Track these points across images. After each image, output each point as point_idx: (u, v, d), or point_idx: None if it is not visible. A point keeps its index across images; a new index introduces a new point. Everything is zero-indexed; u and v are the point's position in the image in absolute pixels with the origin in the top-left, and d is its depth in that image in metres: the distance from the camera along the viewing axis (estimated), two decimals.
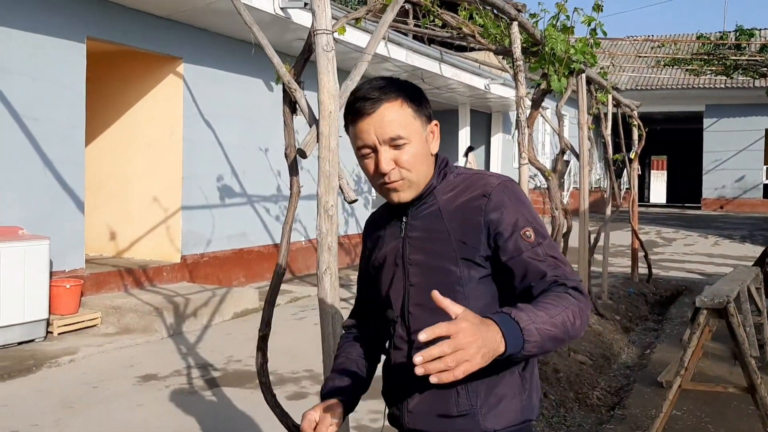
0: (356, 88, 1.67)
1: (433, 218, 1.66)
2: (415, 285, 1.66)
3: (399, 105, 1.61)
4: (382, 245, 1.77)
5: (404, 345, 1.68)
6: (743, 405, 4.68)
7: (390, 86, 1.63)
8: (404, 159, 1.61)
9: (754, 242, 15.19)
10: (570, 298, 1.49)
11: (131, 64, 8.01)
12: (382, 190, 1.67)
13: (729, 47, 18.97)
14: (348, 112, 1.65)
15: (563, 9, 5.48)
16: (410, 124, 1.62)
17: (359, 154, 1.65)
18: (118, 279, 7.19)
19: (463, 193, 1.66)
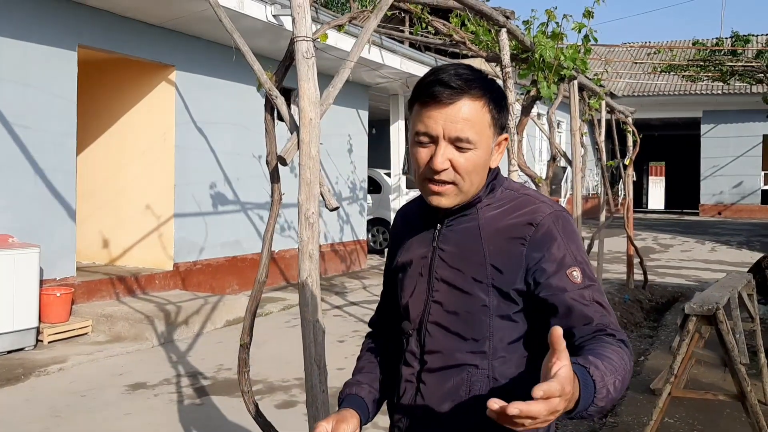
0: (437, 69, 1.47)
1: (470, 234, 1.52)
2: (438, 302, 1.53)
3: (480, 106, 1.44)
4: (410, 248, 1.63)
5: (415, 362, 1.56)
6: (736, 412, 4.65)
7: (476, 80, 1.44)
8: (462, 163, 1.44)
9: (752, 248, 15.17)
10: (625, 355, 1.33)
11: (123, 72, 8.01)
12: (425, 188, 1.50)
13: (725, 53, 18.98)
14: (420, 93, 1.46)
15: (552, 16, 5.47)
16: (484, 130, 1.45)
17: (415, 139, 1.48)
18: (109, 287, 7.16)
19: (509, 215, 1.51)
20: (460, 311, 1.50)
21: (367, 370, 1.73)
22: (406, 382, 1.58)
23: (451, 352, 1.51)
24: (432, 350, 1.54)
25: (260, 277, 2.93)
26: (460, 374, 1.50)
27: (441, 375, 1.51)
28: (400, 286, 1.64)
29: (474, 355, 1.49)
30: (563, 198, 18.63)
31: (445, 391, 1.51)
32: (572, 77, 6.20)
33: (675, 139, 29.94)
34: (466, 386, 1.49)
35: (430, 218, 1.60)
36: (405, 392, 1.58)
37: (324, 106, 2.95)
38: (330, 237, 10.80)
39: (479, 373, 1.48)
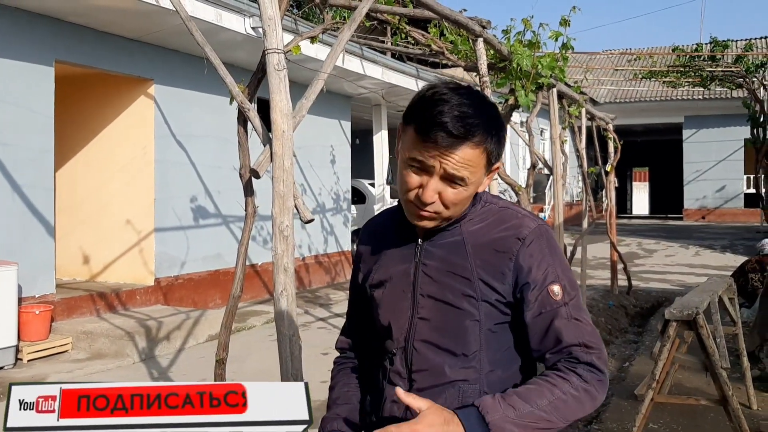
0: (440, 96, 1.42)
1: (456, 249, 1.51)
2: (426, 320, 1.51)
3: (480, 151, 1.42)
4: (386, 264, 1.60)
5: (402, 382, 1.53)
6: (720, 417, 4.64)
7: (479, 125, 1.41)
8: (450, 197, 1.45)
9: (735, 252, 15.27)
10: (574, 378, 1.39)
11: (101, 87, 7.96)
12: (408, 209, 1.49)
13: (704, 59, 19.18)
14: (419, 126, 1.42)
15: (529, 25, 5.49)
16: (478, 170, 1.45)
17: (407, 162, 1.46)
18: (89, 303, 7.09)
19: (493, 229, 1.52)
20: (450, 327, 1.49)
21: (343, 400, 1.69)
22: (392, 403, 1.54)
23: (441, 369, 1.50)
24: (420, 369, 1.52)
25: (234, 291, 2.90)
26: (452, 391, 1.49)
27: (432, 393, 1.48)
28: (376, 304, 1.61)
29: (465, 370, 1.49)
30: (547, 205, 18.70)
31: None
32: (551, 85, 6.22)
33: (658, 144, 30.16)
34: (459, 402, 1.46)
35: (408, 233, 1.58)
36: (392, 413, 1.54)
37: (297, 118, 2.93)
38: (314, 248, 10.76)
39: (471, 388, 1.48)
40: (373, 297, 1.62)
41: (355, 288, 1.73)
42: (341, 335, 1.81)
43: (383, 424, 1.51)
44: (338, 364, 1.79)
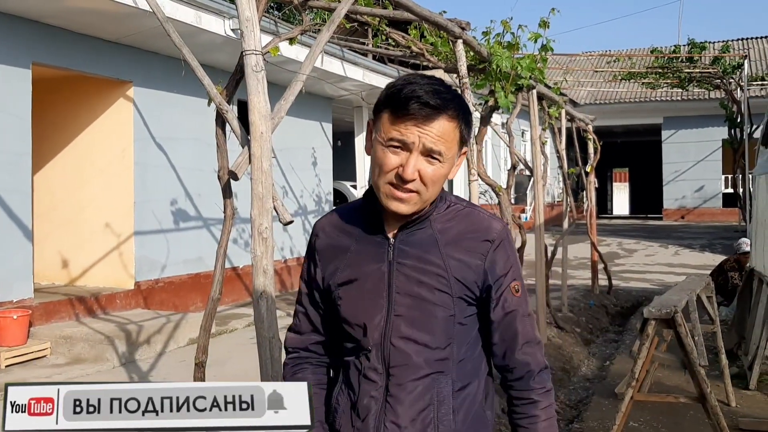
0: (412, 81, 1.52)
1: (428, 247, 1.58)
2: (403, 317, 1.56)
3: (455, 125, 1.52)
4: (356, 261, 1.62)
5: (378, 378, 1.58)
6: (699, 414, 4.69)
7: (451, 99, 1.52)
8: (429, 174, 1.51)
9: (714, 251, 15.44)
10: (544, 397, 1.62)
11: (80, 89, 7.88)
12: (386, 192, 1.54)
13: (682, 60, 19.38)
14: (395, 105, 1.50)
15: (508, 26, 5.52)
16: (453, 146, 1.54)
17: (385, 144, 1.52)
18: (69, 308, 7.01)
19: (462, 229, 1.61)
20: (427, 322, 1.56)
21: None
22: (370, 398, 1.58)
23: (419, 363, 1.56)
24: (398, 364, 1.57)
25: (213, 294, 2.88)
26: (428, 382, 1.57)
27: (410, 386, 1.56)
28: (346, 302, 1.63)
29: (440, 362, 1.57)
30: (528, 206, 18.79)
31: (414, 400, 1.56)
32: (530, 87, 6.26)
33: (637, 145, 30.43)
34: (435, 392, 1.57)
35: (376, 231, 1.62)
36: (369, 409, 1.59)
37: (276, 120, 2.92)
38: (296, 251, 10.73)
39: (444, 378, 1.57)
40: (340, 295, 1.63)
41: (311, 285, 1.72)
42: (292, 333, 1.78)
43: (366, 421, 1.59)
44: (292, 365, 1.76)
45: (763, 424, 4.72)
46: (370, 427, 1.58)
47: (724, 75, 18.50)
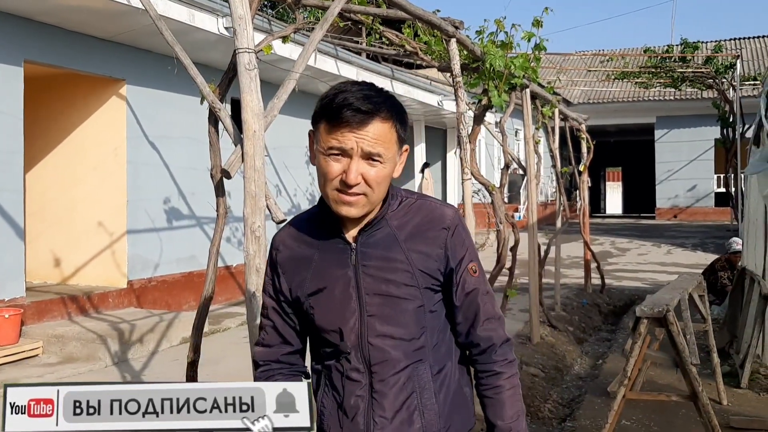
0: (340, 88, 1.59)
1: (389, 245, 1.64)
2: (375, 316, 1.62)
3: (389, 126, 1.58)
4: (321, 270, 1.67)
5: (361, 377, 1.64)
6: (691, 413, 4.71)
7: (383, 102, 1.57)
8: (372, 176, 1.57)
9: (706, 250, 15.49)
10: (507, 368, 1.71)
11: (72, 87, 7.86)
12: (334, 197, 1.59)
13: (675, 60, 19.43)
14: (329, 115, 1.56)
15: (501, 26, 5.53)
16: (391, 146, 1.59)
17: (326, 153, 1.57)
18: (61, 306, 6.99)
19: (418, 221, 1.67)
20: (399, 317, 1.63)
21: None
22: (356, 397, 1.64)
23: (398, 357, 1.63)
24: (379, 361, 1.63)
25: (206, 292, 2.88)
26: (409, 372, 1.64)
27: (392, 380, 1.63)
28: (318, 311, 1.67)
29: (417, 352, 1.65)
30: (522, 205, 18.82)
31: (398, 392, 1.63)
32: (523, 86, 6.26)
33: (630, 144, 30.50)
34: (416, 380, 1.64)
35: (335, 237, 1.67)
36: (357, 408, 1.65)
37: (269, 118, 2.92)
38: None
39: (423, 365, 1.65)
40: (311, 305, 1.68)
41: (278, 297, 1.74)
42: (260, 347, 1.79)
43: (355, 420, 1.64)
44: (264, 378, 1.76)
45: (754, 422, 4.74)
46: (360, 424, 1.64)
47: (717, 75, 18.56)
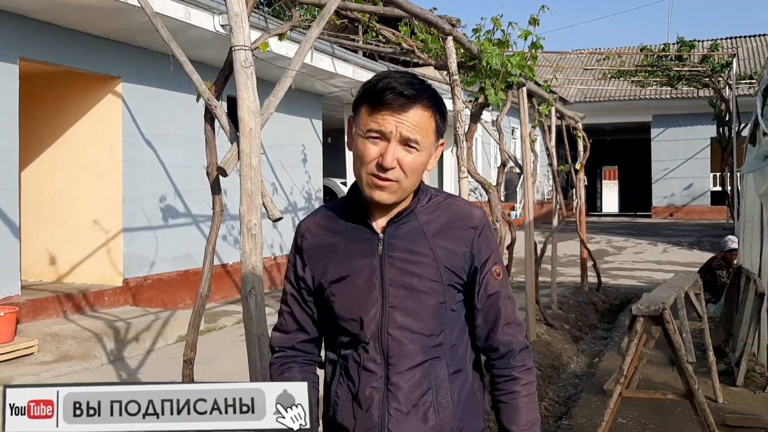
0: (387, 75, 1.61)
1: (416, 239, 1.65)
2: (397, 307, 1.62)
3: (429, 115, 1.61)
4: (346, 258, 1.67)
5: (378, 369, 1.64)
6: (687, 411, 4.72)
7: (425, 90, 1.60)
8: (408, 162, 1.59)
9: (702, 248, 15.52)
10: (525, 374, 1.70)
11: (67, 85, 7.83)
12: (368, 181, 1.60)
13: (671, 58, 19.46)
14: (372, 98, 1.58)
15: (498, 24, 5.52)
16: (429, 135, 1.61)
17: (365, 135, 1.59)
18: (56, 305, 6.97)
19: (446, 219, 1.68)
20: (421, 311, 1.63)
21: None
22: (372, 389, 1.64)
23: (416, 351, 1.63)
24: (397, 353, 1.63)
25: (202, 290, 2.87)
26: (426, 368, 1.64)
27: (409, 373, 1.63)
28: (339, 299, 1.68)
29: (435, 348, 1.65)
30: (518, 203, 18.83)
31: (414, 386, 1.63)
32: (520, 84, 6.26)
33: (627, 143, 30.53)
34: (432, 377, 1.64)
35: (363, 227, 1.68)
36: (372, 399, 1.64)
37: (265, 116, 2.91)
38: (285, 248, 10.71)
39: (440, 363, 1.65)
40: (333, 292, 1.68)
41: (299, 285, 1.76)
42: (278, 332, 1.81)
43: (360, 415, 1.64)
44: (278, 364, 1.79)
45: (749, 420, 4.75)
46: (374, 416, 1.63)
47: (713, 73, 18.59)
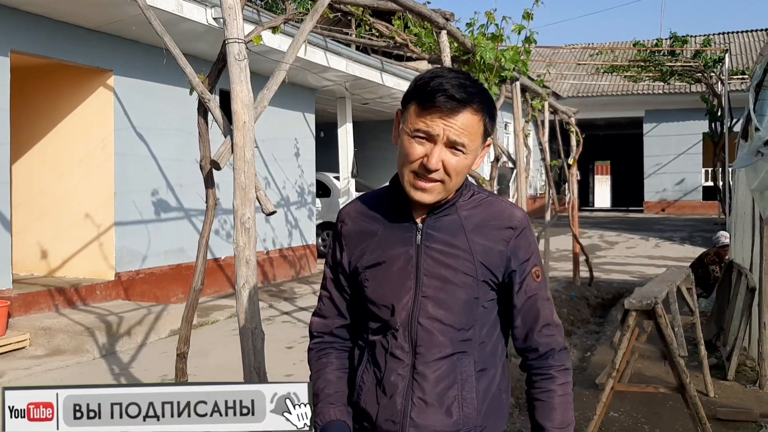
0: (437, 73, 1.60)
1: (455, 232, 1.65)
2: (430, 298, 1.63)
3: (479, 118, 1.59)
4: (383, 245, 1.68)
5: (405, 356, 1.64)
6: (678, 404, 4.74)
7: (476, 94, 1.58)
8: (453, 165, 1.58)
9: (694, 243, 15.58)
10: (562, 375, 1.69)
11: (59, 78, 7.78)
12: (410, 180, 1.61)
13: (664, 54, 19.49)
14: (422, 97, 1.57)
15: (492, 18, 5.52)
16: (476, 138, 1.60)
17: (411, 134, 1.59)
18: (48, 299, 6.94)
19: (486, 216, 1.68)
20: (453, 304, 1.63)
21: (336, 387, 1.73)
22: (397, 376, 1.64)
23: (444, 343, 1.63)
24: (425, 343, 1.64)
25: (195, 285, 2.86)
26: (453, 361, 1.63)
27: (435, 364, 1.63)
28: (373, 284, 1.68)
29: (463, 342, 1.64)
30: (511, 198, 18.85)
31: (439, 378, 1.62)
32: (514, 78, 6.26)
33: (619, 138, 30.60)
34: (458, 371, 1.64)
35: (403, 216, 1.69)
36: (396, 386, 1.64)
37: (258, 109, 2.90)
38: (278, 242, 10.70)
39: (467, 358, 1.65)
40: (367, 277, 1.69)
41: (336, 270, 1.78)
42: (317, 317, 1.83)
43: (385, 402, 1.65)
44: (317, 349, 1.81)
45: (740, 414, 4.78)
46: (398, 404, 1.64)
47: (705, 69, 18.64)
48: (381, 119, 15.86)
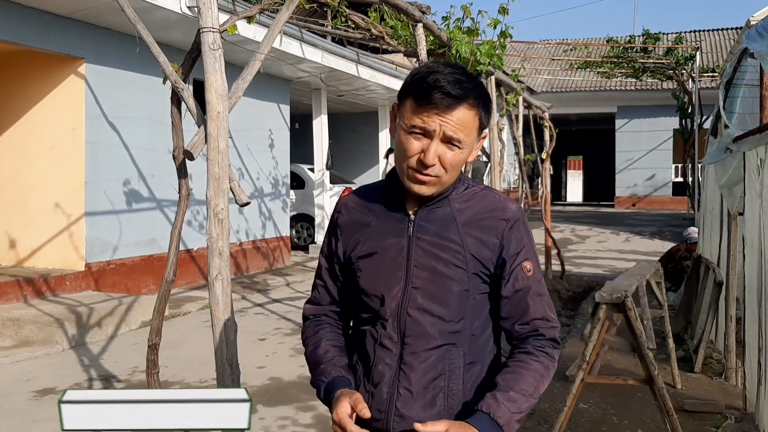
0: (432, 68, 1.61)
1: (446, 224, 1.66)
2: (419, 289, 1.64)
3: (474, 113, 1.60)
4: (376, 236, 1.70)
5: (393, 346, 1.65)
6: (647, 396, 4.81)
7: (472, 89, 1.59)
8: (449, 159, 1.59)
9: (663, 238, 15.78)
10: (543, 358, 1.65)
11: (29, 65, 7.64)
12: (409, 174, 1.62)
13: (637, 51, 19.69)
14: (418, 93, 1.58)
15: (468, 12, 5.53)
16: (472, 133, 1.62)
17: (408, 130, 1.60)
18: (16, 289, 6.83)
19: (479, 209, 1.69)
20: (442, 295, 1.64)
21: (334, 353, 1.75)
22: (385, 365, 1.66)
23: (433, 334, 1.64)
24: (413, 333, 1.65)
25: (167, 275, 2.84)
26: (441, 353, 1.64)
27: (424, 355, 1.64)
28: (365, 274, 1.70)
29: (452, 334, 1.65)
30: None
31: (427, 368, 1.64)
32: (489, 73, 6.28)
33: (592, 133, 30.85)
34: (447, 363, 1.64)
35: (397, 208, 1.71)
36: (383, 375, 1.66)
37: (233, 99, 2.88)
38: (252, 234, 10.64)
39: (456, 350, 1.65)
40: (359, 267, 1.71)
41: (331, 259, 1.80)
42: (309, 305, 1.86)
43: (372, 391, 1.66)
44: (313, 324, 1.83)
45: (706, 405, 4.87)
46: (384, 393, 1.65)
47: (677, 66, 18.86)
48: (356, 111, 15.82)
